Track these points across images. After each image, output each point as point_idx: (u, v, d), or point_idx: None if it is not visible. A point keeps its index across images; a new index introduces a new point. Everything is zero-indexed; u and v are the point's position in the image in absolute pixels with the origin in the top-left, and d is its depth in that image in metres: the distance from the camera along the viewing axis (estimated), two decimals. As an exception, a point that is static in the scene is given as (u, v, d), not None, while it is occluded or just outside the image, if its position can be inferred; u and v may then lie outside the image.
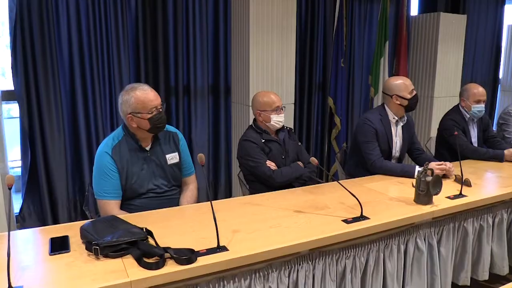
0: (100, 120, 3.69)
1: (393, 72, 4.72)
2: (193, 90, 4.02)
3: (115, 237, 1.62)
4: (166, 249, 1.59)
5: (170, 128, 2.44)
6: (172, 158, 2.35)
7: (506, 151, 3.15)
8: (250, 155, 2.55)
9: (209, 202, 1.78)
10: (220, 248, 1.65)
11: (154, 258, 1.56)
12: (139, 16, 3.69)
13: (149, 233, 1.73)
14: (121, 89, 2.21)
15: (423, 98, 4.92)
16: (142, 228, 1.73)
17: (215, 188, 4.27)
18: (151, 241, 1.70)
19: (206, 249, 1.64)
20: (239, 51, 3.84)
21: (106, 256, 1.58)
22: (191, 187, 2.46)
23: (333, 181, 2.40)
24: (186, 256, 1.56)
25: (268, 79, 3.76)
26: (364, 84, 4.81)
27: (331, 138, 4.35)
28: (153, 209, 2.13)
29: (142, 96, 2.15)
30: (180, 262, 1.55)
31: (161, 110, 2.20)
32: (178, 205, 2.33)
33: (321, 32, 4.48)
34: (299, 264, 1.80)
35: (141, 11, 3.69)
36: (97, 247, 1.57)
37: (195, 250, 1.61)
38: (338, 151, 4.27)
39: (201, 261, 1.56)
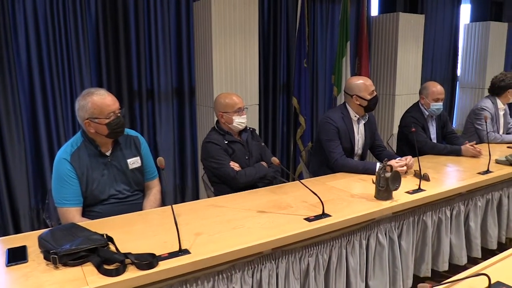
0: (62, 126, 3.60)
1: (355, 71, 4.81)
2: (157, 94, 3.98)
3: (74, 245, 1.59)
4: (126, 255, 1.57)
5: (130, 132, 2.41)
6: (133, 162, 2.32)
7: (463, 147, 3.27)
8: (213, 157, 2.55)
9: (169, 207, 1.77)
10: (182, 252, 1.65)
11: (114, 265, 1.54)
12: (100, 19, 3.62)
13: (110, 239, 1.70)
14: (83, 94, 2.17)
15: (384, 96, 5.04)
16: (102, 235, 1.71)
17: (182, 191, 4.24)
18: (112, 247, 1.67)
19: (168, 253, 1.63)
20: (202, 54, 3.83)
21: (65, 264, 1.55)
22: (154, 191, 2.43)
23: (296, 180, 2.42)
24: (147, 261, 1.54)
25: (232, 81, 3.76)
26: (327, 84, 4.88)
27: (297, 138, 4.40)
28: (116, 215, 2.10)
29: (99, 101, 2.11)
30: (140, 267, 1.53)
31: (119, 114, 2.17)
32: (141, 210, 2.30)
33: (284, 33, 4.52)
34: (262, 264, 1.82)
35: (101, 14, 3.62)
36: (56, 256, 1.54)
37: (157, 254, 1.60)
38: (304, 149, 4.32)
39: (163, 265, 1.55)
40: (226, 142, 2.60)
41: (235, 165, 2.56)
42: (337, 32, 4.63)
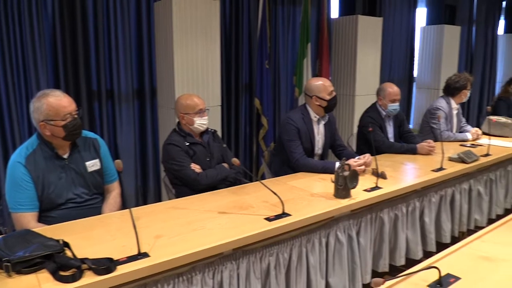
0: (17, 128, 3.48)
1: (316, 73, 4.89)
2: (117, 94, 3.91)
3: (28, 251, 1.55)
4: (83, 260, 1.54)
5: (89, 134, 2.37)
6: (92, 165, 2.28)
7: (418, 145, 3.39)
8: (174, 159, 2.54)
9: (131, 209, 1.75)
10: (141, 255, 1.63)
11: (70, 271, 1.51)
12: (56, 17, 3.52)
13: (66, 245, 1.67)
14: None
15: (345, 97, 5.15)
16: (58, 240, 1.67)
17: (144, 194, 4.18)
18: (68, 253, 1.64)
19: (126, 257, 1.61)
20: (163, 54, 3.80)
21: (19, 272, 1.51)
22: (114, 194, 2.39)
23: (257, 181, 2.44)
24: (105, 265, 1.52)
25: (194, 82, 3.75)
26: (289, 85, 4.94)
27: (259, 139, 4.43)
28: (74, 220, 2.05)
29: (55, 103, 2.06)
30: (98, 272, 1.51)
31: (76, 116, 2.12)
32: (101, 214, 2.26)
33: (245, 34, 4.54)
34: (223, 265, 1.82)
35: (58, 13, 3.52)
36: (8, 264, 1.49)
37: (115, 258, 1.58)
38: (266, 149, 4.36)
39: (121, 269, 1.53)
40: (187, 144, 2.59)
41: (196, 167, 2.55)
42: (298, 34, 4.69)
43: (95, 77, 3.77)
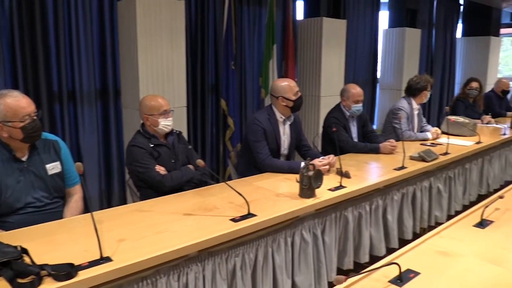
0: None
1: (282, 74, 4.93)
2: (79, 95, 3.80)
3: (-17, 259, 1.49)
4: (42, 267, 1.50)
5: (49, 136, 2.30)
6: (53, 168, 2.22)
7: (381, 145, 3.47)
8: (138, 161, 2.50)
9: (94, 213, 1.71)
10: (103, 260, 1.60)
11: (29, 278, 1.46)
12: (14, 15, 3.38)
13: (24, 251, 1.61)
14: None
15: (310, 98, 5.22)
16: (16, 247, 1.61)
17: (109, 197, 4.09)
18: (26, 259, 1.59)
19: (88, 262, 1.58)
20: (127, 54, 3.73)
21: (-27, 281, 1.45)
22: (75, 198, 2.33)
23: (221, 182, 2.43)
24: (65, 271, 1.48)
25: (159, 82, 3.70)
26: (255, 86, 4.95)
27: (226, 139, 4.42)
28: (33, 225, 1.98)
29: (13, 103, 1.99)
30: (58, 278, 1.47)
31: (35, 118, 2.06)
32: (62, 218, 2.20)
33: (211, 35, 4.52)
34: (188, 267, 1.81)
35: (16, 10, 3.39)
36: (-38, 272, 1.43)
37: (76, 264, 1.54)
38: (232, 150, 4.36)
39: (82, 275, 1.50)
40: (151, 145, 2.56)
41: (160, 169, 2.52)
42: (264, 35, 4.72)
43: (55, 78, 3.66)
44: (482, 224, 2.04)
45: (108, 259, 1.60)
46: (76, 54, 3.74)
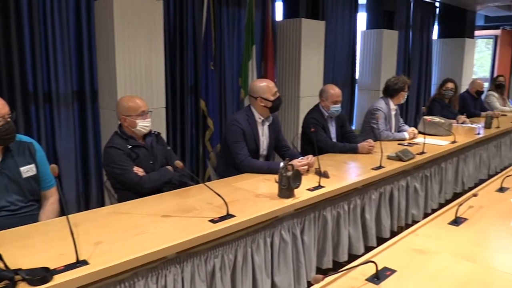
0: None
1: (262, 74, 4.94)
2: (56, 96, 3.73)
3: (-46, 264, 1.45)
4: (16, 271, 1.47)
5: (24, 138, 2.26)
6: (27, 170, 2.18)
7: (359, 145, 3.52)
8: (115, 162, 2.47)
9: (70, 216, 1.69)
10: (79, 263, 1.58)
11: (2, 283, 1.43)
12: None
13: (-3, 255, 1.58)
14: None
15: (290, 98, 5.24)
16: (-12, 251, 1.58)
17: (86, 200, 4.03)
18: (0, 264, 1.55)
19: (64, 266, 1.56)
20: (104, 55, 3.68)
21: None
22: (51, 201, 2.30)
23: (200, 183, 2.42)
24: (40, 276, 1.46)
25: (137, 83, 3.66)
26: (235, 86, 4.95)
27: (205, 140, 4.40)
28: (7, 229, 1.94)
29: (-15, 105, 1.95)
30: (33, 283, 1.44)
31: (9, 119, 2.02)
32: (37, 222, 2.16)
33: (190, 35, 4.50)
34: (167, 269, 1.80)
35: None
36: None
37: (52, 268, 1.52)
38: (212, 151, 4.34)
39: (58, 279, 1.48)
40: (129, 146, 2.53)
41: (138, 170, 2.50)
42: (244, 36, 4.72)
43: (31, 78, 3.58)
44: (457, 221, 2.09)
45: (84, 263, 1.58)
46: (52, 54, 3.67)
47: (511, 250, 1.81)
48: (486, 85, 8.03)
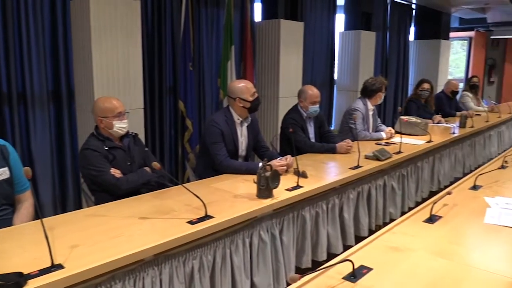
0: None
1: (241, 75, 4.94)
2: (30, 97, 3.66)
3: None
4: (-12, 277, 1.44)
5: (-4, 140, 2.20)
6: (0, 174, 2.13)
7: (337, 145, 3.55)
8: (92, 164, 2.43)
9: (46, 219, 1.66)
10: (54, 267, 1.55)
11: (-26, 289, 1.40)
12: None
13: (-31, 260, 1.54)
14: None
15: (269, 99, 5.26)
16: (-41, 257, 1.54)
17: (63, 203, 3.95)
18: (-29, 270, 1.52)
19: (38, 270, 1.53)
20: (81, 55, 3.62)
21: None
22: (26, 205, 2.24)
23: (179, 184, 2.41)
24: (13, 281, 1.43)
25: (114, 83, 3.62)
26: (214, 87, 4.93)
27: (184, 141, 4.38)
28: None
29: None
30: (6, 288, 1.41)
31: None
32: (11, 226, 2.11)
33: (169, 36, 4.47)
34: (145, 271, 1.78)
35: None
36: None
37: (26, 272, 1.49)
38: (191, 152, 4.32)
39: (32, 283, 1.45)
40: (106, 148, 2.50)
41: (116, 172, 2.47)
42: (222, 36, 4.71)
43: (4, 78, 3.50)
44: (432, 219, 2.13)
45: (59, 267, 1.56)
46: (26, 54, 3.59)
47: (484, 247, 1.86)
48: (462, 85, 8.20)
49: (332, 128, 6.37)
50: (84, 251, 1.70)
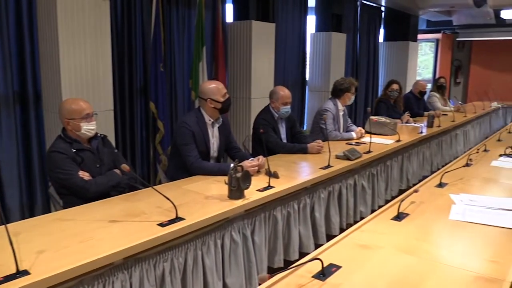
0: None
1: (213, 76, 4.93)
2: (-5, 99, 3.56)
3: None
4: (-51, 285, 1.39)
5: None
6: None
7: (309, 145, 3.59)
8: (59, 167, 2.38)
9: (11, 224, 1.62)
10: (19, 273, 1.51)
11: None
12: None
13: None
14: None
15: (241, 100, 5.27)
16: None
17: (31, 208, 3.84)
18: None
19: (2, 277, 1.49)
20: (48, 55, 3.53)
21: None
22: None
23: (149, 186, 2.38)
24: (-25, 288, 1.39)
25: (83, 84, 3.55)
26: (185, 88, 4.90)
27: (156, 143, 4.33)
28: None
29: None
30: (-33, 296, 1.37)
31: None
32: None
33: (139, 36, 4.41)
34: (114, 275, 1.76)
35: None
36: None
37: (-12, 280, 1.45)
38: (162, 153, 4.28)
39: (-5, 291, 1.41)
40: (73, 150, 2.45)
41: (84, 175, 2.42)
42: (194, 37, 4.69)
43: (-34, 80, 3.39)
44: (399, 217, 2.18)
45: (25, 273, 1.52)
46: (-11, 55, 3.49)
47: (449, 243, 1.92)
48: (430, 86, 8.43)
49: (304, 129, 6.44)
50: (51, 256, 1.66)
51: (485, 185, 2.83)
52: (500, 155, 3.64)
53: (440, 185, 2.76)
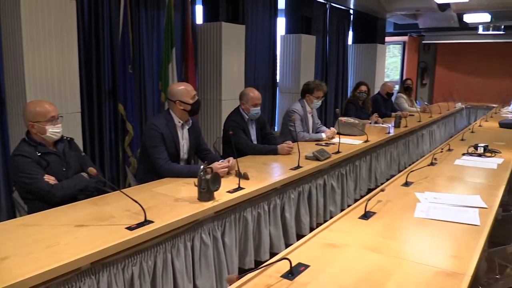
0: None
1: (183, 78, 4.90)
2: (-45, 102, 3.44)
3: None
4: None
5: None
6: None
7: (279, 146, 3.62)
8: (24, 171, 2.32)
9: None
10: (-18, 281, 1.47)
11: None
12: None
13: None
14: None
15: (211, 101, 5.26)
16: None
17: (-6, 213, 3.74)
18: None
19: (-37, 286, 1.44)
20: (11, 57, 3.44)
21: None
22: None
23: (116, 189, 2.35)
24: None
25: (49, 87, 3.47)
26: (155, 90, 4.85)
27: (125, 146, 4.27)
28: None
29: None
30: None
31: None
32: None
33: (107, 37, 4.34)
34: (81, 281, 1.73)
35: None
36: None
37: None
38: (132, 155, 4.22)
39: (-45, 300, 1.37)
40: (38, 154, 2.38)
41: (50, 179, 2.36)
42: (163, 38, 4.65)
43: None
44: (366, 215, 2.23)
45: (-12, 280, 1.48)
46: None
47: (413, 240, 1.98)
48: (398, 87, 8.64)
49: (275, 130, 6.48)
50: (16, 263, 1.62)
51: (449, 183, 2.92)
52: (463, 154, 3.77)
53: (406, 184, 2.84)
